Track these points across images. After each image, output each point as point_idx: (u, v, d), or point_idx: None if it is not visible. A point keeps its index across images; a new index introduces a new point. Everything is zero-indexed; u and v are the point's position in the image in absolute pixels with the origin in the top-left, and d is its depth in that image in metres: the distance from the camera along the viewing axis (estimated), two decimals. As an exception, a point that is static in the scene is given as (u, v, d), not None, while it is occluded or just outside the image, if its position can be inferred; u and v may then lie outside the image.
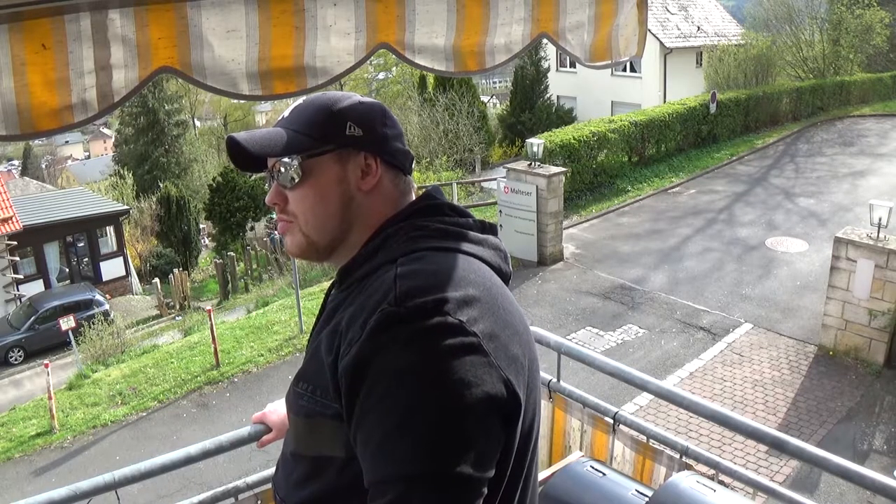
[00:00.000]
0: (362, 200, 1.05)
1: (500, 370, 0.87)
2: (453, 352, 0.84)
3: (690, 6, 28.27)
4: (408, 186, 1.10)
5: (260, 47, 1.17)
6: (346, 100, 1.09)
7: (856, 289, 8.56)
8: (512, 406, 0.89)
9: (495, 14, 1.39)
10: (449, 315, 0.86)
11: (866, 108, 25.39)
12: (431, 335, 0.85)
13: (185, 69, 1.13)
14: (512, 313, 0.95)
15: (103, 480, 1.75)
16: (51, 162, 49.29)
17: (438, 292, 0.88)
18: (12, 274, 18.24)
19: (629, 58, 1.71)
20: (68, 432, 9.22)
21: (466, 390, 0.83)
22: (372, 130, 1.06)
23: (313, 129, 1.04)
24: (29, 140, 1.36)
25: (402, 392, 0.83)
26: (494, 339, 0.88)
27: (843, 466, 1.85)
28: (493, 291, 0.95)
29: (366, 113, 1.07)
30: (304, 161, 1.04)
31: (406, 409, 0.82)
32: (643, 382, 2.30)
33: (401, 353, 0.84)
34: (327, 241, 1.07)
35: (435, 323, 0.85)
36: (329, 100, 1.08)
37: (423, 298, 0.87)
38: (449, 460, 0.81)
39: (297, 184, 1.04)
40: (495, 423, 0.86)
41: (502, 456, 0.89)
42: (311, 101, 1.10)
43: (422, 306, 0.86)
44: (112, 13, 1.05)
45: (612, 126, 16.98)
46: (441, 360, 0.83)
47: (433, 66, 1.36)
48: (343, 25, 1.23)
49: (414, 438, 0.82)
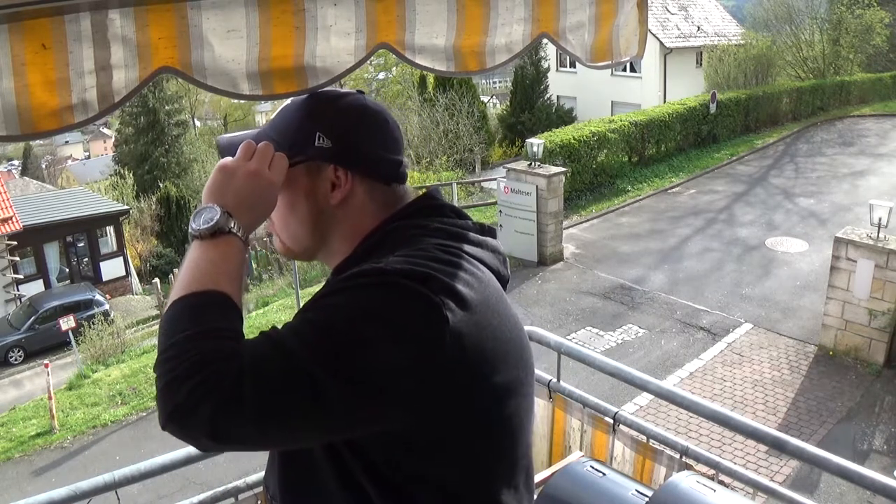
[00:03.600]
0: (334, 213, 1.03)
1: (439, 356, 0.84)
2: (408, 320, 0.83)
3: (690, 6, 28.27)
4: (393, 196, 1.05)
5: (260, 47, 1.18)
6: (323, 105, 1.06)
7: (856, 289, 8.56)
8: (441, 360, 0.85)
9: (496, 14, 1.39)
10: (433, 293, 0.85)
11: (866, 108, 25.40)
12: (408, 292, 0.84)
13: (185, 69, 1.13)
14: (503, 317, 0.94)
15: (103, 480, 1.75)
16: (51, 162, 49.28)
17: (432, 272, 0.87)
18: (12, 274, 18.24)
19: (630, 58, 1.71)
20: (68, 432, 9.22)
21: (387, 350, 0.82)
22: (343, 141, 1.02)
23: (285, 139, 1.03)
24: (29, 141, 1.36)
25: (338, 318, 0.83)
26: (461, 338, 0.85)
27: (843, 466, 1.85)
28: (488, 293, 0.93)
29: (338, 122, 1.03)
30: None
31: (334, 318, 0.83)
32: (643, 382, 2.31)
33: (367, 293, 0.85)
34: (302, 248, 1.07)
35: (416, 287, 0.85)
36: (305, 107, 1.06)
37: (411, 267, 0.87)
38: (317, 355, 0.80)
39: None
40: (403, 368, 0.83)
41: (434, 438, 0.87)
42: (291, 106, 1.08)
43: (410, 272, 0.86)
44: (112, 13, 1.05)
45: (612, 126, 16.98)
46: (398, 314, 0.83)
47: (434, 66, 1.36)
48: (343, 25, 1.23)
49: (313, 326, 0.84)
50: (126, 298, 20.03)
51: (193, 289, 0.87)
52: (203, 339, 0.81)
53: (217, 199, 0.97)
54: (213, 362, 0.79)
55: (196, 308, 0.86)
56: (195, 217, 0.95)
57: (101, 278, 20.16)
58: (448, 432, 0.88)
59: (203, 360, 0.79)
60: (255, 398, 0.77)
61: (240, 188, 0.97)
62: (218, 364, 0.79)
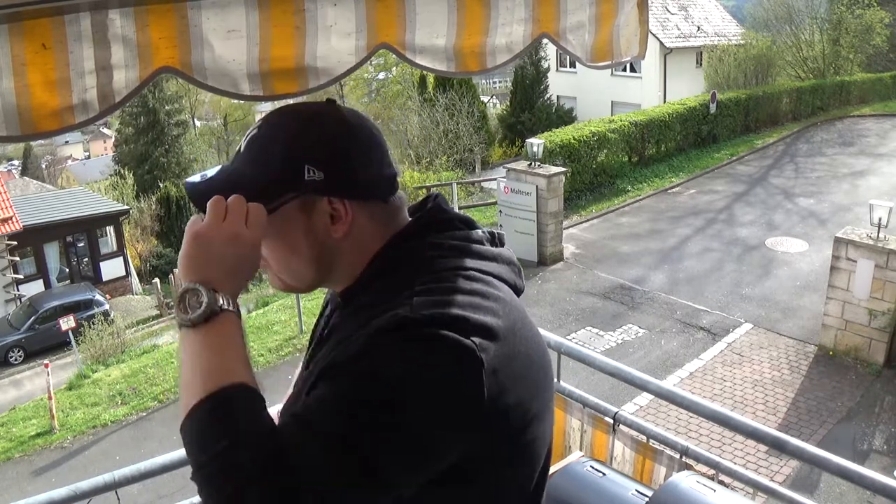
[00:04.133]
0: (338, 245, 0.96)
1: (481, 404, 0.83)
2: (448, 374, 0.81)
3: (690, 6, 28.26)
4: (392, 209, 1.00)
5: (260, 47, 1.17)
6: (304, 131, 0.95)
7: (856, 289, 8.56)
8: (482, 436, 0.86)
9: (496, 14, 1.39)
10: (465, 335, 0.82)
11: (866, 108, 25.40)
12: (441, 345, 0.81)
13: (185, 69, 1.12)
14: (529, 341, 0.93)
15: (103, 480, 1.75)
16: (51, 162, 49.26)
17: (459, 310, 0.84)
18: (12, 274, 18.24)
19: (630, 58, 1.71)
20: (68, 432, 9.22)
21: (428, 408, 0.81)
22: (334, 170, 0.93)
23: (267, 176, 0.93)
24: (29, 141, 1.35)
25: (377, 388, 0.80)
26: (496, 374, 0.84)
27: (843, 466, 1.85)
28: (513, 316, 0.92)
29: (326, 150, 0.94)
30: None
31: (370, 400, 0.79)
32: (643, 382, 2.30)
33: (400, 354, 0.81)
34: (306, 284, 1.00)
35: (448, 335, 0.81)
36: (285, 135, 0.95)
37: (441, 312, 0.83)
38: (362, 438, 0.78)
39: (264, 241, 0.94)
40: (442, 437, 0.83)
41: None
42: (266, 136, 0.96)
43: (439, 317, 0.83)
44: (112, 13, 1.05)
45: (612, 126, 16.98)
46: (434, 371, 0.81)
47: (434, 66, 1.36)
48: (343, 26, 1.23)
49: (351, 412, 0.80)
50: (126, 298, 20.02)
51: (209, 389, 0.81)
52: (242, 448, 0.78)
53: (198, 276, 0.87)
54: (261, 473, 0.77)
55: (220, 413, 0.81)
56: (181, 304, 0.86)
57: (101, 278, 20.15)
58: (484, 464, 0.88)
59: (250, 474, 0.77)
60: (312, 494, 0.77)
61: (220, 257, 0.88)
62: (265, 472, 0.77)
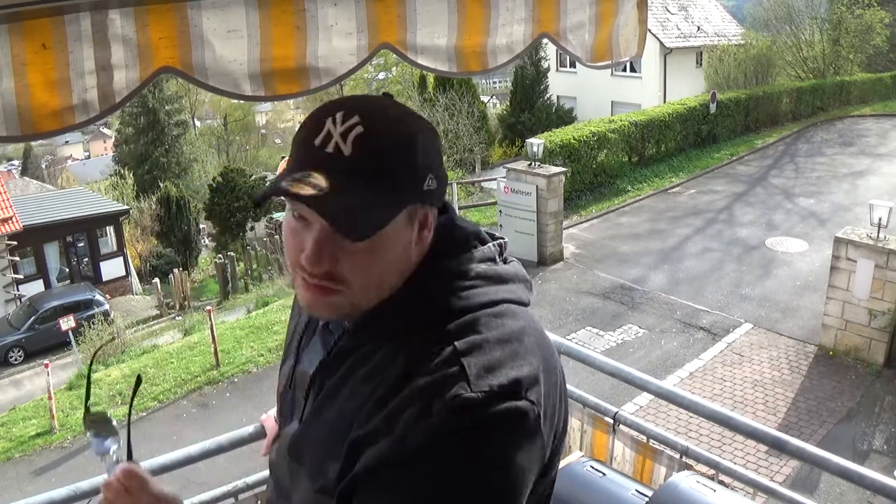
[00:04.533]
0: (413, 255, 0.89)
1: (544, 449, 0.86)
2: (521, 443, 0.81)
3: (690, 6, 28.26)
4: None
5: (261, 48, 1.17)
6: (429, 137, 0.88)
7: (856, 289, 8.55)
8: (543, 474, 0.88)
9: (496, 14, 1.39)
10: (523, 398, 0.81)
11: (866, 108, 25.40)
12: (508, 422, 0.79)
13: (186, 69, 1.12)
14: (551, 368, 0.91)
15: (103, 480, 1.74)
16: (51, 162, 49.27)
17: (510, 370, 0.81)
18: (12, 274, 18.24)
19: (629, 58, 1.71)
20: (68, 432, 9.22)
21: (518, 480, 0.81)
22: (442, 179, 0.89)
23: (407, 189, 0.84)
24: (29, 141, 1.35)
25: (464, 480, 0.77)
26: (548, 417, 0.85)
27: (843, 466, 1.85)
28: (542, 344, 0.90)
29: (438, 156, 0.89)
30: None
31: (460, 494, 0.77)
32: (643, 382, 2.30)
33: (475, 443, 0.78)
34: (371, 305, 0.88)
35: (512, 408, 0.79)
36: (410, 141, 0.85)
37: (499, 381, 0.80)
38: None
39: (363, 247, 0.83)
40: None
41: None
42: (387, 138, 0.83)
43: (499, 392, 0.79)
44: (112, 13, 1.05)
45: (612, 126, 16.98)
46: (510, 450, 0.79)
47: (435, 66, 1.36)
48: (344, 26, 1.23)
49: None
50: (126, 298, 20.03)
51: None
52: None
53: None
54: None
55: None
56: None
57: (101, 278, 20.16)
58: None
59: None
60: None
61: None
62: None
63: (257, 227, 24.12)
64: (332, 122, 0.82)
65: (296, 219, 0.86)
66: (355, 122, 0.82)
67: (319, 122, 0.83)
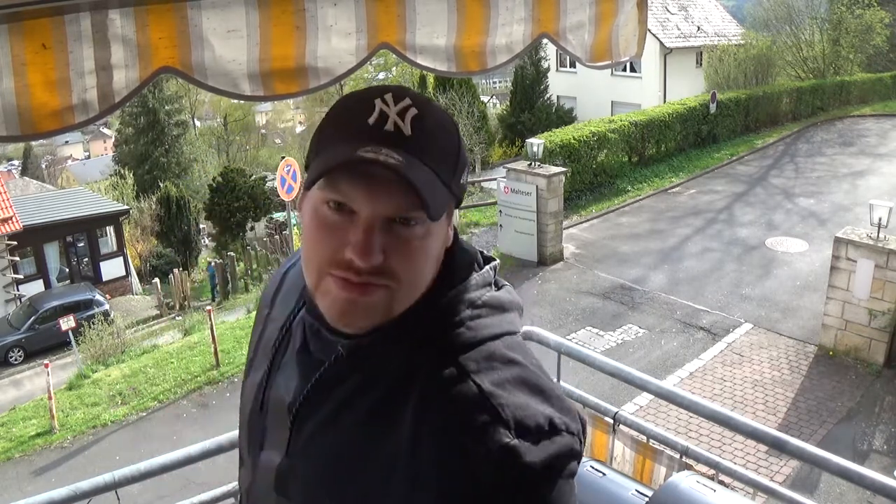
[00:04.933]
0: (442, 255, 0.84)
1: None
2: (572, 472, 0.80)
3: (690, 6, 28.26)
4: None
5: (261, 47, 1.17)
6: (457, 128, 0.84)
7: (856, 289, 8.55)
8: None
9: (496, 14, 1.39)
10: (564, 432, 0.78)
11: (866, 108, 25.40)
12: (557, 461, 0.77)
13: (185, 69, 1.12)
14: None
15: (103, 480, 1.75)
16: (51, 162, 49.30)
17: (544, 406, 0.78)
18: (12, 274, 18.24)
19: (629, 58, 1.71)
20: (68, 432, 9.22)
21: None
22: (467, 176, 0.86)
23: (454, 178, 0.80)
24: (29, 141, 1.35)
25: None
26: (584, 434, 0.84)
27: (843, 466, 1.85)
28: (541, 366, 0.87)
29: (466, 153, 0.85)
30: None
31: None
32: (643, 382, 2.30)
33: (532, 492, 0.75)
34: (405, 309, 0.80)
35: (558, 446, 0.77)
36: (457, 130, 0.82)
37: (537, 422, 0.76)
38: None
39: (419, 234, 0.77)
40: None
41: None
42: (439, 124, 0.80)
43: (541, 433, 0.76)
44: (112, 13, 1.05)
45: (612, 126, 16.98)
46: (565, 484, 0.78)
47: (435, 66, 1.36)
48: (344, 25, 1.23)
49: None
50: (126, 298, 20.03)
51: None
52: None
53: None
54: None
55: None
56: None
57: (101, 278, 20.16)
58: None
59: None
60: None
61: None
62: None
63: (257, 227, 24.13)
64: (382, 102, 0.76)
65: (333, 210, 0.76)
66: (409, 104, 0.77)
67: (368, 101, 0.77)
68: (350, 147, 0.73)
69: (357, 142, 0.74)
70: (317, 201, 0.77)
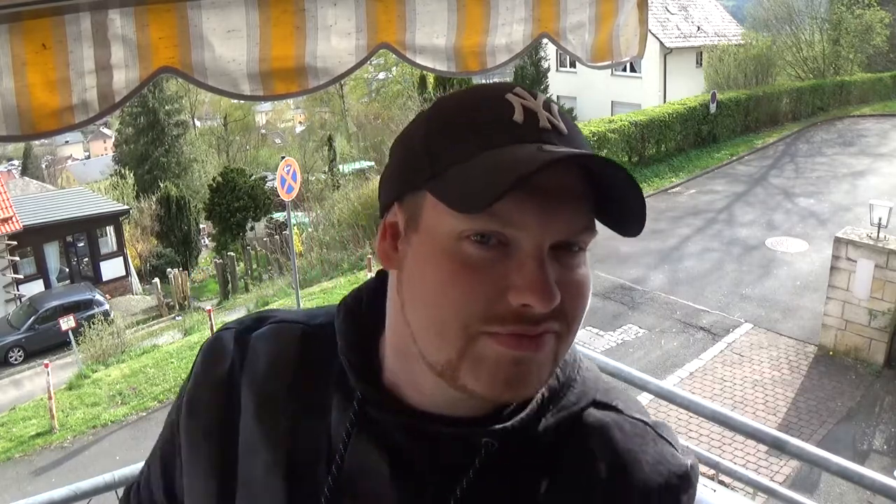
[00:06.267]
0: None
1: None
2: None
3: (690, 6, 28.27)
4: None
5: (260, 47, 1.17)
6: None
7: (856, 289, 8.55)
8: None
9: (496, 14, 1.39)
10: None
11: (866, 108, 25.40)
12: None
13: (185, 69, 1.12)
14: None
15: (103, 480, 1.75)
16: (51, 162, 49.29)
17: (671, 432, 0.68)
18: (12, 274, 18.24)
19: (630, 58, 1.71)
20: (68, 432, 9.22)
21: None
22: None
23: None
24: (29, 141, 1.35)
25: None
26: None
27: (843, 466, 1.85)
28: None
29: None
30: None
31: None
32: (643, 382, 2.30)
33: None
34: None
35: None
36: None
37: (676, 437, 0.68)
38: None
39: (586, 267, 0.61)
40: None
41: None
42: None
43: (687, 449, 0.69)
44: (112, 13, 1.05)
45: (612, 126, 16.98)
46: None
47: (434, 66, 1.36)
48: (343, 25, 1.23)
49: None
50: (126, 298, 20.03)
51: None
52: None
53: None
54: None
55: None
56: None
57: (101, 278, 20.16)
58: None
59: None
60: None
61: None
62: None
63: (257, 227, 24.13)
64: (517, 97, 0.58)
65: (476, 244, 0.54)
66: (545, 97, 0.60)
67: (500, 99, 0.58)
68: (512, 156, 0.53)
69: (514, 146, 0.55)
70: (447, 237, 0.55)
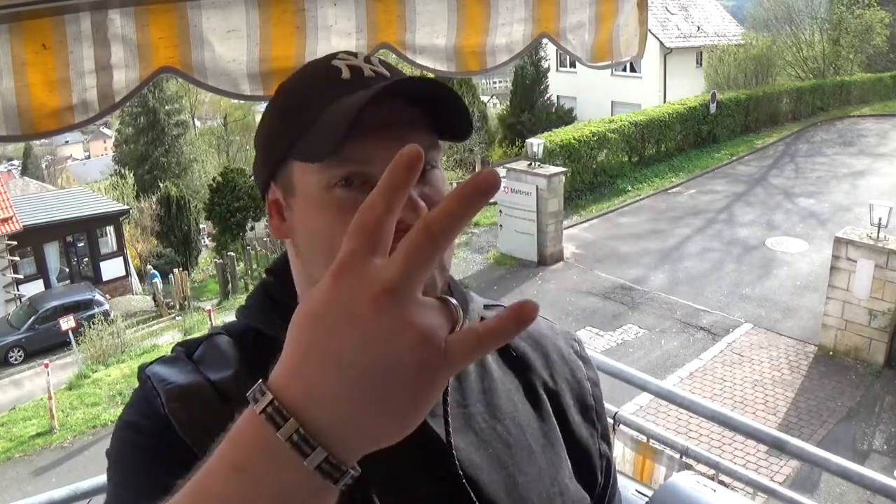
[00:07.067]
0: None
1: None
2: None
3: (690, 6, 28.25)
4: None
5: (261, 47, 1.17)
6: None
7: (856, 289, 8.55)
8: None
9: (496, 14, 1.39)
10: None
11: (866, 108, 25.39)
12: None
13: (185, 69, 1.12)
14: None
15: (103, 480, 1.75)
16: (51, 162, 49.25)
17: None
18: (12, 274, 18.23)
19: (630, 58, 1.71)
20: (68, 432, 9.22)
21: None
22: None
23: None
24: (29, 141, 1.35)
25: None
26: None
27: (843, 466, 1.85)
28: None
29: None
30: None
31: None
32: (643, 382, 2.30)
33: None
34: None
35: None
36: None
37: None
38: None
39: (443, 182, 0.68)
40: None
41: None
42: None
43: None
44: (112, 13, 1.05)
45: (612, 126, 16.98)
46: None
47: (434, 66, 1.36)
48: (343, 25, 1.23)
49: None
50: (126, 298, 20.03)
51: None
52: None
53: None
54: None
55: None
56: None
57: (101, 278, 20.16)
58: None
59: None
60: None
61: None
62: None
63: (257, 227, 24.11)
64: (340, 60, 0.66)
65: (343, 188, 0.60)
66: (365, 55, 0.69)
67: (328, 66, 0.66)
68: (346, 103, 0.59)
69: (345, 97, 0.61)
70: (317, 190, 0.61)
